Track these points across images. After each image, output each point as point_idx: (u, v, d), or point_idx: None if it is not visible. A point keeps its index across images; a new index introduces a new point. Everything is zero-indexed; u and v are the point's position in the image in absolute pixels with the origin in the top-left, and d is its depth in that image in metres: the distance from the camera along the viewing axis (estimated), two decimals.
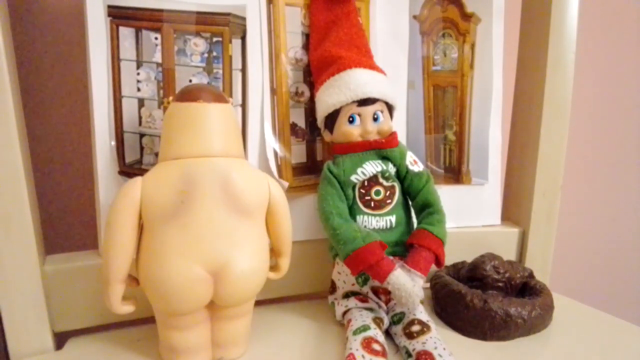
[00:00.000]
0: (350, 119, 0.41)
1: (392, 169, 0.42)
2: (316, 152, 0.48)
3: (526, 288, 0.46)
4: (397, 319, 0.40)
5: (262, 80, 0.45)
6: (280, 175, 0.45)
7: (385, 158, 0.42)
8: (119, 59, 0.40)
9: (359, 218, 0.41)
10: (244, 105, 0.44)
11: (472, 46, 0.52)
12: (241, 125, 0.44)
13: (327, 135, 0.44)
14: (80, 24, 0.39)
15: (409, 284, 0.36)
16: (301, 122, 0.47)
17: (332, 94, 0.41)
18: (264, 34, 0.45)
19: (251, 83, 0.44)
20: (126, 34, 0.40)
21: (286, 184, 0.44)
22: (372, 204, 0.41)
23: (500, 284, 0.45)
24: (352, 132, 0.41)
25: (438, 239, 0.40)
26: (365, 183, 0.41)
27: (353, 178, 0.41)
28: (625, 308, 0.93)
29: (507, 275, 0.45)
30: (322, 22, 0.45)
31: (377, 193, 0.42)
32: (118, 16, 0.40)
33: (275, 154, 0.45)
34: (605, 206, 0.90)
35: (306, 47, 0.47)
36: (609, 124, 0.88)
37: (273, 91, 0.46)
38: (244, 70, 0.44)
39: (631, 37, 0.86)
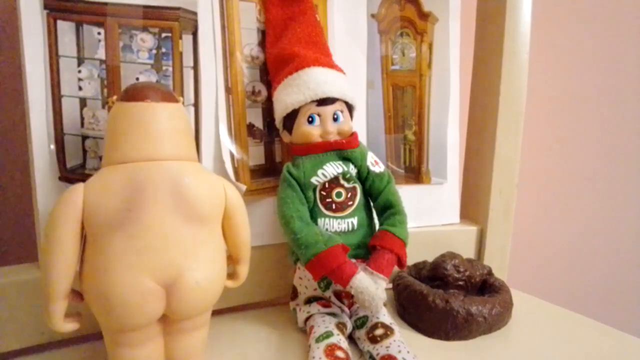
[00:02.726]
0: (310, 119, 0.40)
1: (353, 170, 0.41)
2: (275, 153, 0.46)
3: (485, 285, 0.46)
4: (360, 323, 0.39)
5: (216, 78, 0.43)
6: (238, 179, 0.43)
7: (346, 159, 0.41)
8: (58, 56, 0.37)
9: (321, 221, 0.40)
10: (196, 105, 0.42)
11: (430, 46, 0.52)
12: (194, 126, 0.42)
13: (285, 136, 0.42)
14: (15, 17, 0.36)
15: (372, 287, 0.36)
16: (258, 123, 0.45)
17: (291, 94, 0.40)
18: (216, 29, 0.43)
19: (204, 81, 0.42)
20: (65, 28, 0.37)
21: (244, 188, 0.42)
22: (334, 206, 0.40)
23: (461, 283, 0.45)
24: (311, 132, 0.40)
25: (400, 240, 0.39)
26: (326, 185, 0.40)
27: (313, 180, 0.40)
28: (581, 302, 0.97)
29: (467, 273, 0.46)
30: (279, 19, 0.44)
31: (339, 195, 0.41)
32: (56, 9, 0.37)
33: (232, 156, 0.44)
34: (560, 203, 0.94)
35: (262, 44, 0.45)
36: (564, 122, 0.91)
37: (228, 90, 0.44)
38: (195, 67, 0.42)
39: (585, 35, 0.89)
